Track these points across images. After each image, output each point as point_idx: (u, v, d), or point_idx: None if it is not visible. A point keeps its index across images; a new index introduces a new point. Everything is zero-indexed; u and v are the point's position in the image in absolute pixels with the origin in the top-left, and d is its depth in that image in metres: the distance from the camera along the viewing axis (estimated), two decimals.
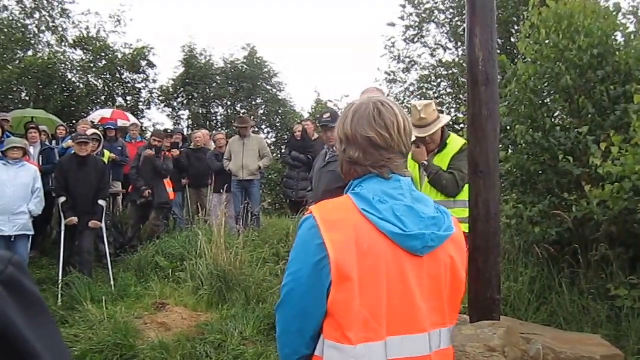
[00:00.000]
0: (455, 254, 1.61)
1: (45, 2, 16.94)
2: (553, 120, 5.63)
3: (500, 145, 4.17)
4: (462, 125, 7.69)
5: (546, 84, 5.47)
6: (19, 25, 16.38)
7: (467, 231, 4.05)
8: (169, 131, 10.62)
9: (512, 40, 10.07)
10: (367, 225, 1.48)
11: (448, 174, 4.27)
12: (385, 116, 1.58)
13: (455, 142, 4.42)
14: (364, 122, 1.58)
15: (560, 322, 4.82)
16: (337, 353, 1.44)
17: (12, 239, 6.63)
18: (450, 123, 14.07)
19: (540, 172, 5.39)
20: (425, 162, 4.41)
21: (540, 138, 5.21)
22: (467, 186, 4.27)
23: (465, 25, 3.97)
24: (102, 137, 8.70)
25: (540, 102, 5.61)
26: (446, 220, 1.59)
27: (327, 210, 1.52)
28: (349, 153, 1.61)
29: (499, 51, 4.18)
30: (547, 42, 5.45)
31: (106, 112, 12.54)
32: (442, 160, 4.40)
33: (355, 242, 1.44)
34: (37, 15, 16.92)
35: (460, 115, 11.78)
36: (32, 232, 6.92)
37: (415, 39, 15.17)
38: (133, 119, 12.46)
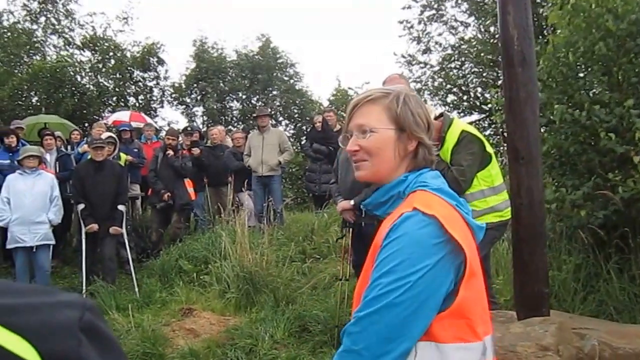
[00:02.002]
0: None
1: (50, 6, 16.81)
2: (590, 95, 5.27)
3: None
4: (489, 105, 7.29)
5: (580, 57, 5.11)
6: (25, 30, 16.26)
7: (494, 220, 4.02)
8: (188, 129, 10.32)
9: (541, 11, 9.58)
10: (463, 221, 1.45)
11: (449, 174, 3.98)
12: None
13: (453, 134, 4.10)
14: (420, 107, 1.52)
15: (610, 312, 4.52)
16: (466, 353, 1.37)
17: (34, 250, 6.57)
18: (477, 103, 13.73)
19: (580, 152, 5.05)
20: None
21: (579, 115, 4.85)
22: (481, 174, 4.08)
23: None
24: (117, 139, 8.53)
25: (575, 75, 5.26)
26: None
27: (436, 206, 1.41)
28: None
29: None
30: (578, 10, 5.09)
31: (124, 115, 12.41)
32: (444, 158, 4.10)
33: (467, 238, 1.42)
34: (42, 19, 16.83)
35: (487, 96, 11.39)
36: (53, 242, 6.86)
37: (434, 19, 14.76)
38: (149, 120, 12.34)
